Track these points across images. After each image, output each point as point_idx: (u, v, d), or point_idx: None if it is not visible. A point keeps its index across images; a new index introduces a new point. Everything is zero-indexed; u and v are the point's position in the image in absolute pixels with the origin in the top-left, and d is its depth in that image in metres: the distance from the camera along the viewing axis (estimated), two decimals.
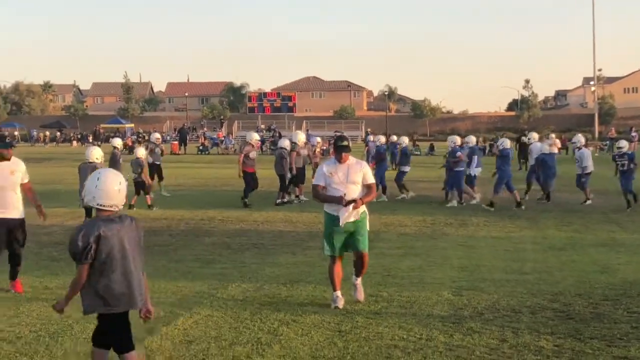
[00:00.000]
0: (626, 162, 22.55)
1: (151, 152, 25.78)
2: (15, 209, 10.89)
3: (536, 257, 13.91)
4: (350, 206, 9.57)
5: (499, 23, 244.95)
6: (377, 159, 26.14)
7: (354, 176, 9.75)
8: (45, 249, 14.93)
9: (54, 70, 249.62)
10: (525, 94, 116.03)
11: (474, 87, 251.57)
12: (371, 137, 40.82)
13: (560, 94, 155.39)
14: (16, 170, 11.01)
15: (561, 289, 10.88)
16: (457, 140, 24.29)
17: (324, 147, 49.31)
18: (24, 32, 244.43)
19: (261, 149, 55.33)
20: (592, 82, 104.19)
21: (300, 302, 10.10)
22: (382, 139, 29.43)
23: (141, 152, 22.77)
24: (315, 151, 28.08)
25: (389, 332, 8.55)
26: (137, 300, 6.36)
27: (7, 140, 11.24)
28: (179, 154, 62.00)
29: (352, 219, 9.74)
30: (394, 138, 33.75)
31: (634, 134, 62.97)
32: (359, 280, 10.25)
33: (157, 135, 28.49)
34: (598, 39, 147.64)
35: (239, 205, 22.20)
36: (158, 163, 26.31)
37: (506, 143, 23.65)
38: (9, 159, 10.85)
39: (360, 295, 10.15)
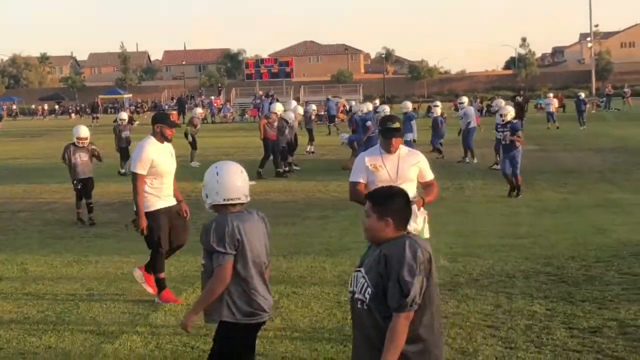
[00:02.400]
0: (508, 132, 17.42)
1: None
2: (173, 197, 9.46)
3: (531, 220, 14.13)
4: (414, 206, 6.87)
5: None
6: (365, 134, 22.96)
7: (406, 171, 7.40)
8: (49, 226, 15.15)
9: (50, 42, 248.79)
10: (522, 52, 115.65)
11: (471, 47, 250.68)
12: (354, 103, 37.57)
13: (558, 51, 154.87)
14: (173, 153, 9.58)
15: (555, 252, 11.11)
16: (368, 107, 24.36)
17: (321, 113, 49.36)
18: (20, 4, 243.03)
19: (259, 116, 55.28)
20: (588, 38, 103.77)
21: (300, 273, 10.31)
22: (369, 106, 26.63)
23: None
24: (311, 117, 28.17)
25: None
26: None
27: (170, 119, 9.65)
28: (178, 124, 61.87)
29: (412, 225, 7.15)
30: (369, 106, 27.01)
31: (626, 89, 63.90)
32: None
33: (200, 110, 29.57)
34: None
35: None
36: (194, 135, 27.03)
37: (500, 103, 23.68)
38: (170, 140, 9.42)
39: None
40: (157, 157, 8.98)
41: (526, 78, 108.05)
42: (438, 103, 30.16)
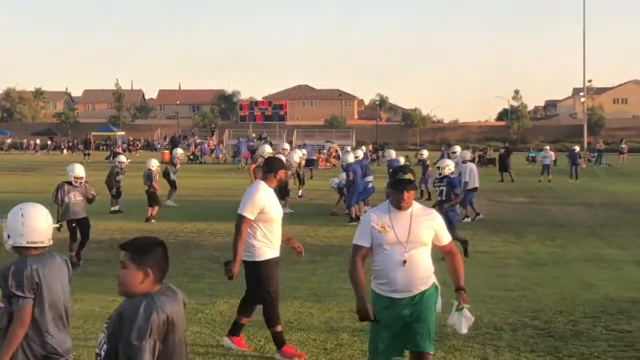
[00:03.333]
0: (444, 188, 16.46)
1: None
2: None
3: (520, 272, 14.13)
4: (464, 310, 6.36)
5: (489, 33, 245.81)
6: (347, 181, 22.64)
7: (420, 233, 6.31)
8: None
9: (45, 77, 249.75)
10: (515, 104, 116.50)
11: (465, 97, 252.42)
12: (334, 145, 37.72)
13: (550, 104, 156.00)
14: None
15: (542, 306, 11.10)
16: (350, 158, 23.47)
17: (315, 157, 49.53)
18: (16, 38, 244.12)
19: (251, 158, 55.39)
20: (581, 93, 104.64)
21: (287, 319, 10.23)
22: (359, 152, 26.19)
23: (154, 163, 23.08)
24: (300, 164, 27.96)
25: None
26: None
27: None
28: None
29: (454, 321, 6.60)
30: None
31: (623, 145, 63.31)
32: None
33: (180, 151, 30.46)
34: (588, 50, 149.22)
35: (229, 217, 22.24)
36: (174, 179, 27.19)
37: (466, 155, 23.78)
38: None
39: None
40: (269, 203, 8.54)
41: (518, 130, 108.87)
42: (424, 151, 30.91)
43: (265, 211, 8.43)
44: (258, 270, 8.48)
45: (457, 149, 29.09)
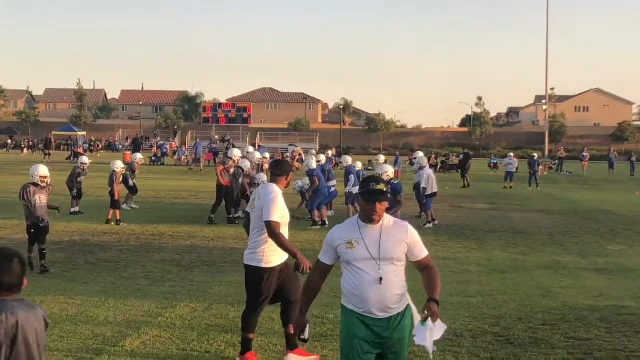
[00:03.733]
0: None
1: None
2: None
3: (481, 279, 14.19)
4: (428, 320, 5.65)
5: (453, 39, 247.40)
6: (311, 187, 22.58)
7: (392, 248, 5.84)
8: None
9: (5, 75, 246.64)
10: (478, 110, 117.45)
11: (428, 103, 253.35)
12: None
13: (513, 111, 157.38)
14: None
15: (502, 313, 11.16)
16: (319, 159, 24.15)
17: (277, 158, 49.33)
18: None
19: (214, 160, 55.21)
20: (544, 101, 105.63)
21: None
22: (322, 157, 27.10)
23: (117, 164, 22.78)
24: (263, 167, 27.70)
25: (334, 356, 8.71)
26: None
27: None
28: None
29: (420, 339, 5.69)
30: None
31: (585, 153, 63.61)
32: None
33: (140, 156, 29.66)
34: (551, 58, 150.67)
35: (191, 219, 22.32)
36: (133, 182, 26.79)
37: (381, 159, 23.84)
38: None
39: None
40: (285, 208, 8.35)
41: (481, 136, 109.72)
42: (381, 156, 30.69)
43: (284, 215, 8.27)
44: (260, 276, 8.30)
45: (420, 154, 29.21)
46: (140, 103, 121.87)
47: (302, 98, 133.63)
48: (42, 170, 14.61)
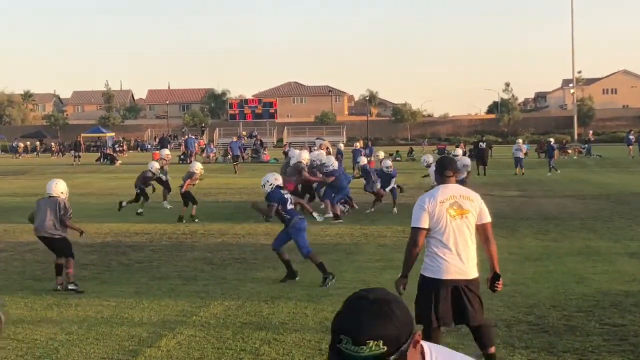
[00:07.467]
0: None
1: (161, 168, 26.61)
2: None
3: (513, 267, 14.09)
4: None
5: (479, 26, 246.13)
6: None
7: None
8: (29, 267, 14.99)
9: (34, 79, 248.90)
10: (505, 96, 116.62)
11: (455, 90, 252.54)
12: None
13: (540, 96, 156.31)
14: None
15: (536, 301, 11.11)
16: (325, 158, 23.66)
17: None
18: (4, 41, 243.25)
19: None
20: (571, 84, 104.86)
21: (282, 320, 10.24)
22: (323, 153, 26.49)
23: (197, 166, 22.96)
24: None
25: None
26: None
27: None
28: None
29: None
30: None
31: (631, 136, 60.05)
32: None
33: (167, 152, 29.99)
34: (577, 41, 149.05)
35: (221, 217, 22.41)
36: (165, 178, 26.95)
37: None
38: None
39: None
40: None
41: (509, 122, 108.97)
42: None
43: None
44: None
45: (459, 152, 29.08)
46: (167, 102, 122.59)
47: (327, 91, 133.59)
48: (61, 185, 13.59)
